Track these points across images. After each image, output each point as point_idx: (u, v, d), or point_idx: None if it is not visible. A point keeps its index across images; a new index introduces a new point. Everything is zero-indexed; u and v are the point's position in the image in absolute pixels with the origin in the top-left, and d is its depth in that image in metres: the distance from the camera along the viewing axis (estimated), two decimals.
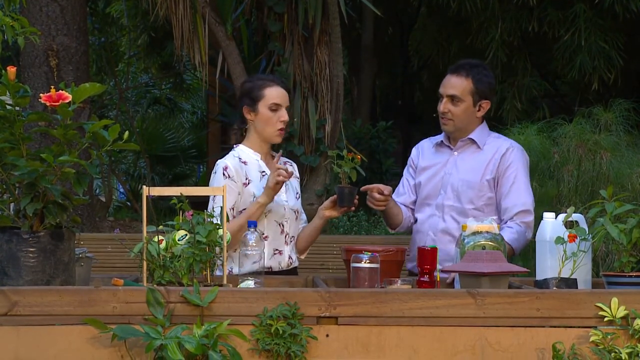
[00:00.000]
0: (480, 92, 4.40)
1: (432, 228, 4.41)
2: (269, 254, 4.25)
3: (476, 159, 4.43)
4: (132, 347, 3.29)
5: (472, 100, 4.40)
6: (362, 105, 11.62)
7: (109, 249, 6.44)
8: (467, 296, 3.38)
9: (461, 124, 4.42)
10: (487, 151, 4.43)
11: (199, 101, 15.82)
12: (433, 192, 4.46)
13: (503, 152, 4.40)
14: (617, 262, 3.68)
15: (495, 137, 4.50)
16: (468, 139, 4.45)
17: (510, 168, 4.38)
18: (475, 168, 4.41)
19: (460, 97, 4.39)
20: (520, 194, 4.36)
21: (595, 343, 3.35)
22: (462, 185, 4.39)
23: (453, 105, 4.40)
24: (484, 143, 4.44)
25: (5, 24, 3.85)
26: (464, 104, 4.39)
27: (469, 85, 4.39)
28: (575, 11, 8.15)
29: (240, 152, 4.31)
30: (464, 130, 4.44)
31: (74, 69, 7.80)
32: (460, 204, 4.38)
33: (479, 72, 4.43)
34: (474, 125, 4.45)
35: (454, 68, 4.46)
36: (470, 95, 4.39)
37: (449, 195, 4.41)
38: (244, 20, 9.76)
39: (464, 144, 4.46)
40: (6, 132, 3.40)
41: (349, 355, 3.34)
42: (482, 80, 4.41)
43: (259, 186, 4.23)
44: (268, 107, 4.26)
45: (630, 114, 6.24)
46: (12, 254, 3.37)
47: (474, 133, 4.45)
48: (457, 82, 4.40)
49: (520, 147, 4.49)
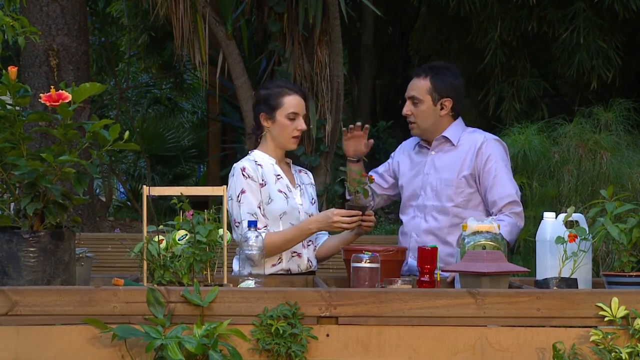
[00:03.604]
0: (440, 91, 4.43)
1: (415, 229, 4.43)
2: (287, 257, 4.27)
3: (451, 157, 4.44)
4: (133, 347, 3.30)
5: (431, 99, 4.43)
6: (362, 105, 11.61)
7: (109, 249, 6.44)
8: (468, 296, 3.38)
9: (424, 124, 4.44)
10: (462, 147, 4.44)
11: (199, 101, 15.83)
12: (414, 194, 4.49)
13: (478, 146, 4.41)
14: (617, 261, 3.69)
15: (470, 132, 4.50)
16: (442, 137, 4.46)
17: (489, 161, 4.38)
18: (451, 165, 4.42)
19: (419, 98, 4.43)
20: (504, 186, 4.37)
21: (595, 343, 3.35)
22: (439, 183, 4.41)
23: (414, 106, 4.45)
24: (458, 140, 4.45)
25: (5, 24, 3.85)
26: (424, 104, 4.43)
27: (427, 85, 4.43)
28: (575, 10, 8.15)
29: (256, 156, 4.32)
30: (431, 130, 4.46)
31: (74, 68, 7.80)
32: (440, 202, 4.40)
33: (438, 71, 4.47)
34: (444, 124, 4.46)
35: (415, 71, 4.54)
36: (428, 95, 4.43)
37: (429, 195, 4.43)
38: (244, 20, 9.76)
39: (439, 143, 4.48)
40: (6, 132, 3.40)
41: (349, 355, 3.34)
42: (442, 79, 4.44)
43: (274, 188, 4.24)
44: (286, 116, 4.27)
45: (631, 114, 6.24)
46: (12, 253, 3.37)
47: (446, 131, 4.46)
48: (415, 83, 4.47)
49: (496, 138, 4.50)
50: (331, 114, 7.55)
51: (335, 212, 4.16)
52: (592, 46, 8.13)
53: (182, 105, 16.26)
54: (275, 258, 4.24)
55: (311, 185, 4.46)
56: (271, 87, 4.34)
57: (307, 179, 4.46)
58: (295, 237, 4.22)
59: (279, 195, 4.24)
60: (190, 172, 15.11)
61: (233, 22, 8.21)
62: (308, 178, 4.47)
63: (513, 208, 4.35)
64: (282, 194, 4.25)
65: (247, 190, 4.19)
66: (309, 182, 4.45)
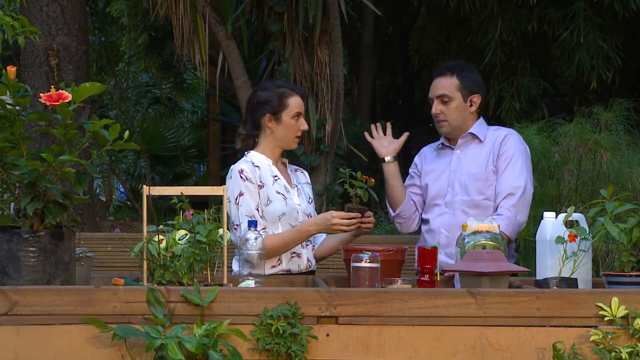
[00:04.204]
0: (468, 87, 4.47)
1: (445, 225, 4.44)
2: (287, 258, 4.27)
3: (479, 152, 4.48)
4: (133, 346, 3.30)
5: (461, 97, 4.47)
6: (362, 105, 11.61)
7: (110, 249, 6.44)
8: (468, 296, 3.38)
9: (455, 122, 4.47)
10: (488, 142, 4.49)
11: (199, 101, 15.83)
12: (440, 192, 4.50)
13: (501, 139, 4.46)
14: (617, 261, 3.69)
15: (495, 129, 4.56)
16: (469, 134, 4.50)
17: (505, 153, 4.43)
18: (478, 160, 4.46)
19: (449, 95, 4.46)
20: (511, 177, 4.40)
21: (595, 342, 3.35)
22: (468, 178, 4.44)
23: (444, 105, 4.46)
24: (485, 136, 4.49)
25: (5, 24, 3.85)
26: (455, 101, 4.46)
27: (455, 82, 4.46)
28: (575, 9, 8.15)
29: (253, 157, 4.32)
30: (460, 128, 4.49)
31: (74, 68, 7.80)
32: (469, 196, 4.42)
33: (462, 69, 4.51)
34: (470, 122, 4.51)
35: (438, 71, 4.55)
36: (458, 92, 4.46)
37: (457, 191, 4.45)
38: (244, 20, 9.76)
39: (465, 140, 4.51)
40: (6, 132, 3.40)
41: (349, 355, 3.34)
42: (467, 77, 4.49)
43: (272, 190, 4.24)
44: (291, 117, 4.29)
45: (631, 114, 6.24)
46: (12, 253, 3.37)
47: (473, 128, 4.50)
48: (443, 81, 4.48)
49: (518, 135, 4.55)
50: (331, 114, 7.54)
51: (334, 215, 4.16)
52: (592, 46, 8.13)
53: (182, 105, 16.26)
54: (275, 259, 4.24)
55: (307, 184, 4.47)
56: (272, 88, 4.34)
57: (303, 178, 4.46)
58: (294, 239, 4.22)
59: (277, 197, 4.24)
60: (190, 172, 15.12)
61: (233, 22, 8.21)
62: (304, 177, 4.48)
63: (510, 200, 4.36)
64: (280, 195, 4.25)
65: (245, 192, 4.19)
66: (305, 181, 4.46)
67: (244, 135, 4.37)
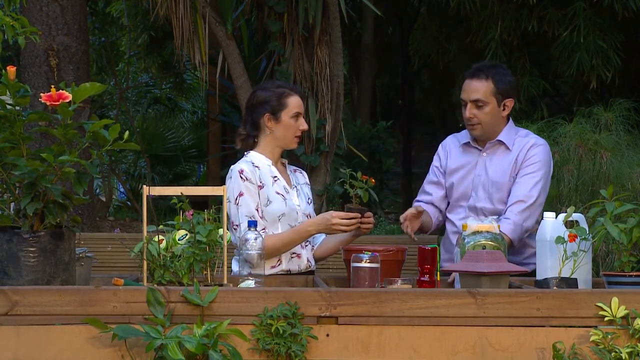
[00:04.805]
0: (503, 92, 4.37)
1: None
2: (287, 258, 4.27)
3: (505, 160, 4.40)
4: (133, 346, 3.29)
5: (496, 101, 4.36)
6: (362, 105, 11.62)
7: (109, 249, 6.44)
8: (468, 296, 3.38)
9: (488, 126, 4.38)
10: (515, 150, 4.40)
11: (199, 101, 15.83)
12: (464, 194, 4.44)
13: (528, 148, 4.38)
14: (617, 261, 3.68)
15: (523, 136, 4.45)
16: (497, 141, 4.41)
17: (529, 162, 4.35)
18: (504, 169, 4.39)
19: (484, 100, 4.35)
20: (526, 185, 4.33)
21: (595, 343, 3.35)
22: (491, 186, 4.38)
23: (478, 109, 4.36)
24: (512, 143, 4.41)
25: (5, 24, 3.85)
26: (489, 106, 4.36)
27: (491, 87, 4.35)
28: (575, 9, 8.16)
29: (252, 157, 4.31)
30: (492, 132, 4.40)
31: (74, 68, 7.80)
32: (492, 205, 4.37)
33: (497, 72, 4.40)
34: (501, 126, 4.42)
35: (472, 72, 4.41)
36: (493, 97, 4.35)
37: (481, 197, 4.40)
38: (244, 20, 9.77)
39: (492, 146, 4.43)
40: (6, 132, 3.40)
41: (349, 355, 3.34)
42: (503, 80, 4.38)
43: (272, 190, 4.25)
44: (291, 116, 4.29)
45: (631, 114, 6.24)
46: (12, 253, 3.37)
47: (502, 134, 4.41)
48: (478, 85, 4.36)
49: (545, 144, 4.45)
50: (331, 114, 7.54)
51: (334, 215, 4.15)
52: (592, 46, 8.14)
53: (182, 105, 16.26)
54: (275, 260, 4.24)
55: (306, 184, 4.47)
56: (271, 88, 4.34)
57: (302, 178, 4.46)
58: (293, 239, 4.22)
59: (277, 197, 4.24)
60: (190, 172, 15.12)
61: (233, 22, 8.21)
62: (303, 178, 4.48)
63: (519, 206, 4.30)
64: (280, 195, 4.25)
65: (245, 192, 4.19)
66: (304, 181, 4.46)
67: (244, 135, 4.37)
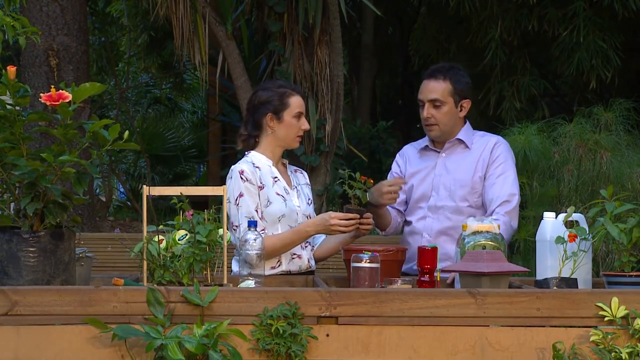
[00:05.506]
0: (460, 92, 4.43)
1: (427, 229, 4.43)
2: (287, 259, 4.27)
3: (466, 158, 4.45)
4: (133, 346, 3.30)
5: (453, 102, 4.43)
6: (362, 105, 11.62)
7: (109, 249, 6.45)
8: (468, 296, 3.38)
9: (446, 127, 4.44)
10: (476, 149, 4.46)
11: (199, 101, 15.83)
12: (424, 195, 4.48)
13: (491, 147, 4.44)
14: (617, 261, 3.69)
15: (481, 136, 4.53)
16: (456, 139, 4.48)
17: (497, 161, 4.41)
18: (466, 167, 4.43)
19: (442, 100, 4.41)
20: (505, 186, 4.38)
21: (595, 343, 3.35)
22: (454, 184, 4.42)
23: (435, 109, 4.42)
24: (472, 142, 4.47)
25: (5, 24, 3.85)
26: (447, 106, 4.42)
27: (448, 87, 4.41)
28: (575, 9, 8.16)
29: (253, 158, 4.32)
30: (449, 132, 4.46)
31: (74, 68, 7.80)
32: (454, 202, 4.40)
33: (455, 73, 4.46)
34: (459, 127, 4.48)
35: (429, 73, 4.48)
36: (451, 97, 4.42)
37: (442, 196, 4.43)
38: (244, 20, 9.76)
39: (452, 145, 4.48)
40: (6, 132, 3.40)
41: (349, 355, 3.34)
42: (460, 81, 4.44)
43: (272, 191, 4.25)
44: (293, 116, 4.29)
45: (631, 114, 6.24)
46: (12, 253, 3.37)
47: (460, 133, 4.48)
48: (436, 85, 4.43)
49: (507, 142, 4.54)
50: (331, 114, 7.55)
51: (332, 216, 4.15)
52: (592, 45, 8.14)
53: (182, 105, 16.26)
54: (275, 260, 4.24)
55: (307, 185, 4.47)
56: (273, 88, 4.34)
57: (302, 179, 4.46)
58: (293, 240, 4.22)
59: (277, 198, 4.24)
60: (190, 172, 15.12)
61: (233, 22, 8.21)
62: (304, 178, 4.48)
63: (506, 207, 4.35)
64: (280, 196, 4.25)
65: (245, 193, 4.19)
66: (304, 182, 4.46)
67: (245, 135, 4.37)
